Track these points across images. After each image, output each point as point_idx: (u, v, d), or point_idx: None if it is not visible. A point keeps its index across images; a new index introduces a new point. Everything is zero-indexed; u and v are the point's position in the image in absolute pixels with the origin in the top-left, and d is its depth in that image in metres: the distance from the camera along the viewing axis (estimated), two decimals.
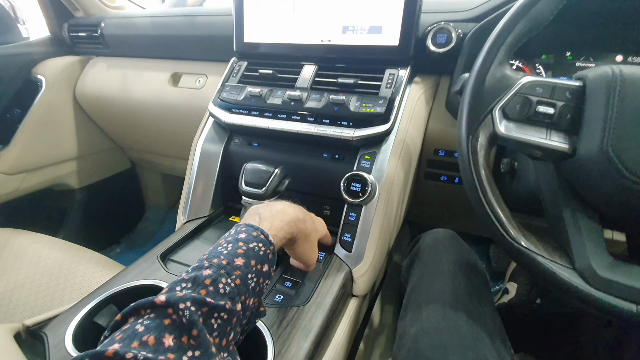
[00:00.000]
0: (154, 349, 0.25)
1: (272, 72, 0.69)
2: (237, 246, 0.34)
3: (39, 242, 0.83)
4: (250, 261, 0.34)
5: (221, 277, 0.31)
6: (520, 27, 0.40)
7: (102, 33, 1.04)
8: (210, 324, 0.28)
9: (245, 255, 0.33)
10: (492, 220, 0.40)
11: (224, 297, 0.30)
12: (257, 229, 0.37)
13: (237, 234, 0.36)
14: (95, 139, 1.20)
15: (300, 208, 0.46)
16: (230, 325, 0.30)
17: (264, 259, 0.35)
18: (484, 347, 0.42)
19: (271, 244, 0.37)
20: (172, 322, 0.27)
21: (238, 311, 0.31)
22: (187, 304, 0.27)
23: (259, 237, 0.36)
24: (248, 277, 0.33)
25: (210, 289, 0.29)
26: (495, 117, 0.41)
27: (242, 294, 0.31)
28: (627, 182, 0.35)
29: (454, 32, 0.62)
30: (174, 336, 0.26)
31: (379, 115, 0.58)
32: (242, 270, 0.32)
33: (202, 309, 0.28)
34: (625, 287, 0.36)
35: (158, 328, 0.26)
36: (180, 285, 0.29)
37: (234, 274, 0.32)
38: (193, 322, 0.27)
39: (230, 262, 0.32)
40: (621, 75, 0.36)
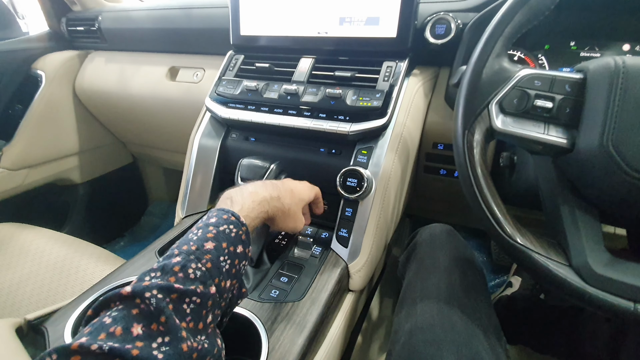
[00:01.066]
0: (122, 339, 0.25)
1: (268, 65, 0.68)
2: (207, 231, 0.34)
3: (43, 237, 0.84)
4: (222, 244, 0.34)
5: (190, 263, 0.31)
6: (520, 18, 0.39)
7: (100, 27, 1.03)
8: (182, 310, 0.28)
9: (215, 239, 0.34)
10: (487, 216, 0.40)
11: (194, 281, 0.30)
12: (227, 211, 0.37)
13: (207, 219, 0.36)
14: (96, 134, 1.21)
15: (274, 185, 0.45)
16: (205, 309, 0.30)
17: (236, 240, 0.35)
18: (478, 343, 0.42)
19: (243, 225, 0.37)
20: (140, 311, 0.27)
21: (213, 294, 0.31)
22: (153, 292, 0.28)
23: (230, 220, 0.36)
24: (220, 259, 0.33)
25: (179, 275, 0.30)
26: (491, 111, 0.40)
27: (215, 277, 0.32)
28: (628, 177, 0.34)
29: (453, 22, 0.61)
30: (142, 325, 0.26)
31: (376, 109, 0.58)
32: (213, 253, 0.32)
33: (171, 295, 0.28)
34: (622, 284, 0.35)
35: (125, 318, 0.26)
36: (150, 275, 0.30)
37: (204, 258, 0.32)
38: (160, 308, 0.27)
39: (200, 247, 0.32)
40: (624, 66, 0.35)
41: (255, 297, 0.49)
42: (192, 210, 0.69)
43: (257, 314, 0.46)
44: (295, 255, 0.57)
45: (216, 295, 0.31)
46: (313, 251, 0.57)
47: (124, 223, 1.44)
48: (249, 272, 0.52)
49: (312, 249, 0.58)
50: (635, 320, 0.36)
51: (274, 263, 0.56)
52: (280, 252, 0.58)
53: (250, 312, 0.46)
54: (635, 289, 0.35)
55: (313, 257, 0.57)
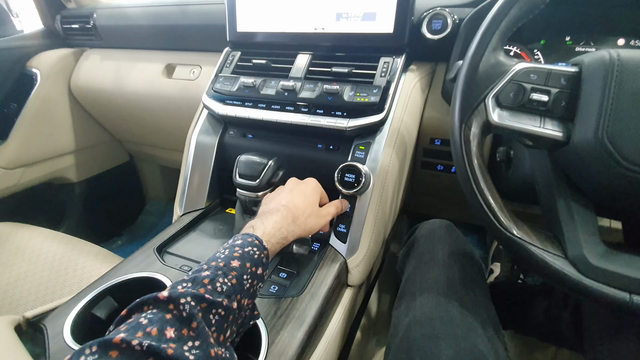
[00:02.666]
0: (157, 339, 0.27)
1: (265, 62, 0.68)
2: (233, 250, 0.37)
3: (40, 236, 0.84)
4: (246, 263, 0.36)
5: (218, 277, 0.33)
6: (515, 12, 0.39)
7: (95, 24, 1.02)
8: (208, 319, 0.31)
9: (240, 258, 0.36)
10: (484, 209, 0.40)
11: (221, 294, 0.32)
12: (251, 235, 0.40)
13: (234, 241, 0.39)
14: (92, 132, 1.20)
15: (288, 209, 0.47)
16: (227, 322, 0.32)
17: (258, 262, 0.38)
18: (477, 336, 0.42)
19: (265, 249, 0.39)
20: (173, 316, 0.29)
21: (234, 309, 0.33)
22: (187, 299, 0.30)
23: (254, 243, 0.39)
24: (244, 277, 0.35)
25: (208, 287, 0.32)
26: (488, 105, 0.40)
27: (238, 293, 0.34)
28: (623, 170, 0.34)
29: (449, 17, 0.61)
30: (175, 329, 0.28)
31: (373, 104, 0.58)
32: (238, 271, 0.35)
33: (201, 304, 0.30)
34: (618, 275, 0.36)
35: (160, 321, 0.28)
36: (182, 285, 0.32)
37: (231, 274, 0.34)
38: (192, 315, 0.29)
39: (227, 264, 0.35)
40: (619, 59, 0.35)
41: None
42: (191, 208, 0.69)
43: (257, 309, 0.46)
44: (293, 251, 0.57)
45: (237, 310, 0.34)
46: (312, 247, 0.58)
47: (121, 222, 1.44)
48: None
49: (311, 244, 0.58)
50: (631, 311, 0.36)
51: (273, 259, 0.56)
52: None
53: None
54: (631, 279, 0.35)
55: (312, 252, 0.57)
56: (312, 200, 0.51)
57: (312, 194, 0.52)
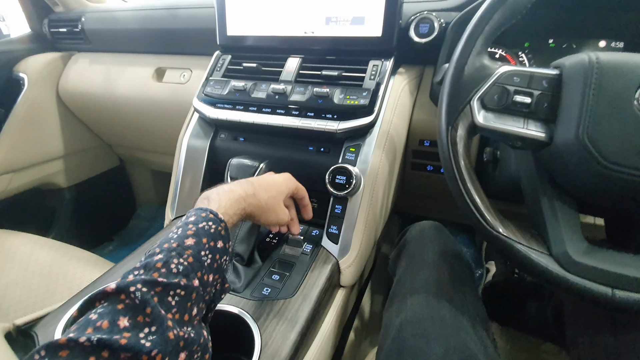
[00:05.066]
0: (109, 331, 0.26)
1: (256, 65, 0.69)
2: (186, 229, 0.36)
3: (29, 242, 0.82)
4: (202, 239, 0.35)
5: (172, 259, 0.32)
6: (498, 16, 0.40)
7: (83, 28, 1.02)
8: (167, 302, 0.30)
9: (195, 235, 0.35)
10: (471, 209, 0.41)
11: (177, 275, 0.31)
12: (205, 209, 0.38)
13: (187, 218, 0.38)
14: (81, 137, 1.19)
15: (250, 183, 0.46)
16: (190, 301, 0.31)
17: (215, 235, 0.36)
18: (466, 335, 0.43)
19: (222, 221, 0.38)
20: (125, 305, 0.28)
21: (196, 287, 0.32)
22: (137, 286, 0.29)
23: (208, 217, 0.37)
24: (201, 254, 0.34)
25: (162, 271, 0.31)
26: (473, 107, 0.41)
27: (197, 271, 0.33)
28: (603, 169, 0.35)
29: (436, 21, 0.62)
30: (128, 317, 0.27)
31: (363, 107, 0.59)
32: (194, 248, 0.34)
33: (155, 289, 0.29)
34: (600, 271, 0.37)
35: (111, 313, 0.27)
36: (133, 273, 0.31)
37: (186, 254, 0.33)
38: (145, 300, 0.28)
39: (181, 244, 0.34)
40: (598, 62, 0.37)
41: (247, 295, 0.49)
42: (182, 212, 0.69)
43: (249, 311, 0.46)
44: (286, 253, 0.58)
45: (199, 288, 0.33)
46: (304, 249, 0.58)
47: (112, 227, 1.42)
48: (240, 270, 0.52)
49: (303, 246, 0.58)
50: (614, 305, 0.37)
51: (266, 261, 0.56)
52: (271, 251, 0.59)
53: (242, 310, 0.46)
54: (613, 275, 0.37)
55: (304, 254, 0.57)
56: (279, 187, 0.50)
57: (282, 183, 0.51)
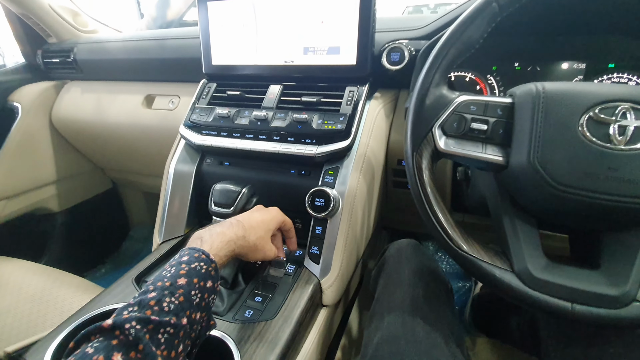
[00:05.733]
0: None
1: (239, 93, 0.72)
2: (179, 268, 0.38)
3: (21, 269, 0.83)
4: (193, 279, 0.37)
5: (165, 297, 0.34)
6: (453, 52, 0.44)
7: (75, 58, 1.05)
8: (157, 339, 0.32)
9: (187, 275, 0.37)
10: (437, 229, 0.44)
11: (168, 313, 0.33)
12: (198, 250, 0.41)
13: (180, 257, 0.40)
14: (74, 162, 1.21)
15: (240, 225, 0.48)
16: (177, 339, 0.33)
17: (206, 276, 0.38)
18: (439, 352, 0.44)
19: (212, 262, 0.40)
20: (119, 341, 0.30)
21: (184, 325, 0.34)
22: (132, 324, 0.31)
23: (201, 257, 0.40)
24: (191, 293, 0.36)
25: (155, 309, 0.33)
26: (435, 134, 0.44)
27: (187, 309, 0.35)
28: (554, 190, 0.38)
29: (406, 50, 0.66)
30: (122, 353, 0.29)
31: (340, 131, 0.61)
32: (185, 288, 0.36)
33: (148, 326, 0.31)
34: (560, 287, 0.39)
35: (106, 348, 0.29)
36: (128, 310, 0.33)
37: (177, 293, 0.35)
38: (139, 337, 0.30)
39: (173, 283, 0.36)
40: (544, 91, 0.40)
41: (229, 318, 0.51)
42: (170, 236, 0.70)
43: (231, 334, 0.47)
44: (269, 274, 0.59)
45: (187, 326, 0.35)
46: (287, 269, 0.60)
47: (105, 250, 1.43)
48: (224, 294, 0.54)
49: (286, 267, 0.60)
50: (574, 319, 0.39)
51: (249, 283, 0.58)
52: (255, 273, 0.60)
53: (223, 333, 0.47)
54: (572, 290, 0.39)
55: (287, 275, 0.59)
56: (267, 225, 0.52)
57: (270, 220, 0.53)
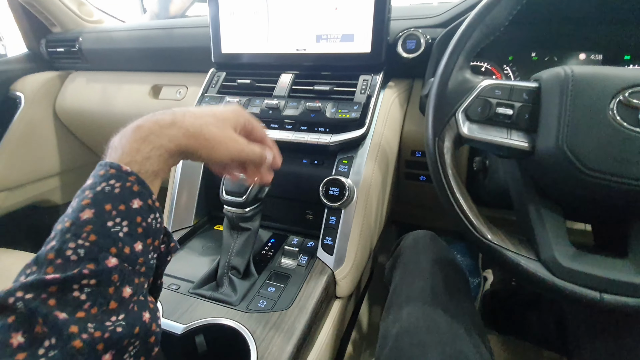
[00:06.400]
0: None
1: (250, 81, 0.70)
2: (82, 197, 0.27)
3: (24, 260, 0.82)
4: (103, 207, 0.27)
5: (67, 243, 0.25)
6: (477, 34, 0.43)
7: (80, 48, 1.04)
8: (72, 299, 0.24)
9: (93, 204, 0.27)
10: (460, 217, 0.42)
11: (79, 263, 0.25)
12: (103, 165, 0.29)
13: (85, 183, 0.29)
14: (78, 154, 1.20)
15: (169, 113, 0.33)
16: (111, 285, 0.25)
17: (125, 196, 0.28)
18: (462, 342, 0.43)
19: (129, 173, 0.29)
20: (16, 317, 0.23)
21: (113, 266, 0.26)
22: (17, 295, 0.23)
23: (108, 173, 0.28)
24: (108, 225, 0.27)
25: (57, 262, 0.24)
26: (458, 119, 0.43)
27: (110, 247, 0.26)
28: (583, 175, 0.37)
29: (422, 37, 0.65)
30: (22, 331, 0.22)
31: (354, 120, 0.60)
32: (94, 222, 0.26)
33: (48, 290, 0.23)
34: (588, 275, 0.38)
35: (2, 330, 0.22)
36: (25, 273, 0.25)
37: (84, 232, 0.26)
38: (33, 310, 0.23)
39: (76, 221, 0.26)
40: (573, 75, 0.39)
41: (243, 308, 0.50)
42: (178, 226, 0.69)
43: (246, 324, 0.46)
44: (282, 265, 0.58)
45: (122, 264, 0.26)
46: (299, 260, 0.59)
47: None
48: (236, 284, 0.53)
49: (299, 258, 0.59)
50: (602, 309, 0.38)
51: (261, 273, 0.57)
52: (267, 263, 0.59)
53: (238, 323, 0.46)
54: (601, 279, 0.38)
55: (300, 266, 0.58)
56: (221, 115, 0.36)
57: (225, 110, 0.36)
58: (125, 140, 0.30)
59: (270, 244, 0.65)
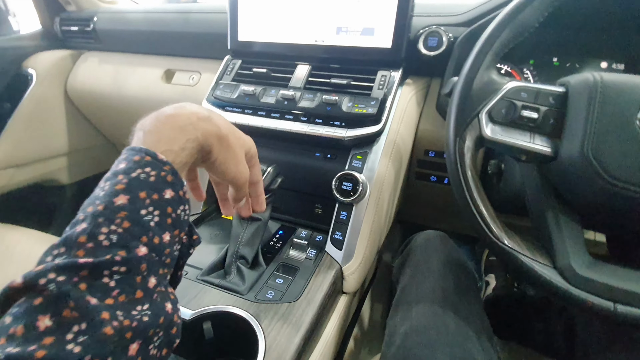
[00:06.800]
0: (24, 339, 0.20)
1: (266, 71, 0.70)
2: (115, 181, 0.27)
3: (30, 238, 0.82)
4: (138, 194, 0.26)
5: (100, 227, 0.24)
6: (507, 34, 0.42)
7: (95, 28, 1.03)
8: (102, 285, 0.23)
9: (128, 190, 0.26)
10: (477, 219, 0.42)
11: (111, 249, 0.24)
12: (139, 150, 0.28)
13: (116, 165, 0.28)
14: (86, 135, 1.19)
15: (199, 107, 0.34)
16: (138, 275, 0.25)
17: (159, 185, 0.27)
18: (471, 344, 0.43)
19: (164, 163, 0.28)
20: (43, 299, 0.22)
21: (143, 256, 0.25)
22: (49, 277, 0.22)
23: (144, 161, 0.28)
24: (141, 214, 0.26)
25: (88, 246, 0.24)
26: (481, 120, 0.42)
27: (141, 235, 0.26)
28: (606, 184, 0.36)
29: (444, 36, 0.64)
30: (50, 315, 0.21)
31: (371, 116, 0.60)
32: (129, 208, 0.26)
33: (79, 274, 0.23)
34: (603, 285, 0.38)
35: (27, 313, 0.21)
36: (52, 254, 0.24)
37: (118, 217, 0.25)
38: (65, 292, 0.22)
39: (109, 205, 0.25)
40: (602, 82, 0.38)
41: (251, 297, 0.49)
42: None
43: (254, 314, 0.46)
44: (290, 257, 0.58)
45: (150, 255, 0.26)
46: (308, 253, 0.58)
47: None
48: (245, 273, 0.53)
49: (307, 251, 0.59)
50: (616, 320, 0.38)
51: (270, 264, 0.56)
52: (275, 254, 0.59)
53: (246, 313, 0.46)
54: (615, 289, 0.37)
55: (308, 259, 0.58)
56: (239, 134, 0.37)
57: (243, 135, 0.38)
58: (162, 126, 0.30)
59: (278, 236, 0.64)
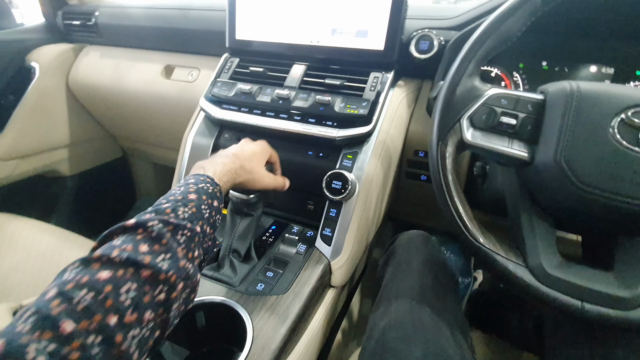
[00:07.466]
0: (134, 253, 0.30)
1: (262, 70, 0.71)
2: (188, 186, 0.41)
3: (32, 228, 0.85)
4: (202, 196, 0.40)
5: (179, 207, 0.37)
6: (490, 42, 0.43)
7: (96, 22, 1.04)
8: (177, 239, 0.34)
9: (196, 192, 0.40)
10: (455, 219, 0.44)
11: (184, 220, 0.36)
12: (202, 175, 0.44)
13: (186, 181, 0.43)
14: (87, 127, 1.22)
15: (235, 156, 0.51)
16: (193, 242, 0.36)
17: (212, 195, 0.42)
18: (444, 339, 0.46)
19: (217, 185, 0.44)
20: (143, 237, 0.32)
21: (198, 232, 0.37)
22: (154, 222, 0.33)
23: (207, 180, 0.43)
24: (202, 207, 0.39)
25: (171, 215, 0.35)
26: (463, 125, 0.44)
27: (200, 220, 0.38)
28: (577, 190, 0.38)
29: (435, 39, 0.65)
30: (147, 244, 0.32)
31: (362, 117, 0.61)
32: (196, 202, 0.39)
33: (168, 227, 0.34)
34: (571, 285, 0.40)
35: (132, 241, 0.31)
36: (147, 214, 0.35)
37: (189, 204, 0.38)
38: (162, 234, 0.33)
39: (185, 197, 0.39)
40: (578, 90, 0.40)
41: (242, 289, 0.52)
42: None
43: (244, 305, 0.49)
44: (281, 252, 0.61)
45: (201, 234, 0.37)
46: (298, 248, 0.61)
47: (111, 217, 1.44)
48: (237, 266, 0.55)
49: (298, 246, 0.61)
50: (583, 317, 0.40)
51: (261, 258, 0.59)
52: (267, 249, 0.61)
53: (236, 303, 0.49)
54: (583, 289, 0.39)
55: (298, 254, 0.60)
56: (259, 157, 0.55)
57: (261, 152, 0.56)
58: (216, 167, 0.47)
59: (271, 231, 0.67)
